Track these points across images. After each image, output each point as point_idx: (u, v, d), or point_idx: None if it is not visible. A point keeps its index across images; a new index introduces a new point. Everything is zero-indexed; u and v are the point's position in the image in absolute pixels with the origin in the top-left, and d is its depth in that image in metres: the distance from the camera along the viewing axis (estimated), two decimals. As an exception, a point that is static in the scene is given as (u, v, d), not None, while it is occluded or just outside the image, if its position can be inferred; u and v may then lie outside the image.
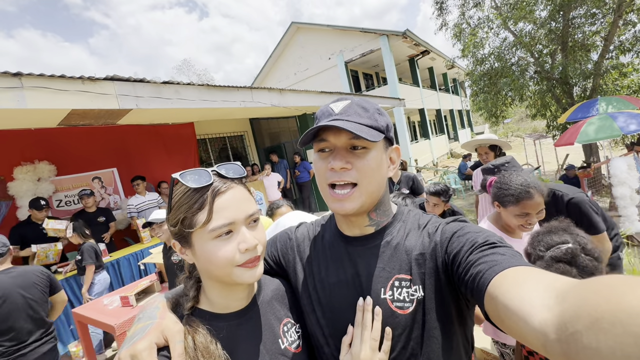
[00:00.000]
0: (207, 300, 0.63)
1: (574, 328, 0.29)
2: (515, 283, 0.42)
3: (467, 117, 25.49)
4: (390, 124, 0.65)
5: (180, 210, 0.57)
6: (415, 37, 12.35)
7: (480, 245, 0.53)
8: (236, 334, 0.61)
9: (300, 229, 0.81)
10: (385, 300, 0.61)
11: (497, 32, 8.52)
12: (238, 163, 0.63)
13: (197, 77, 27.79)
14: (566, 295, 0.33)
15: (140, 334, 0.53)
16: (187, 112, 4.96)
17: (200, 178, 0.57)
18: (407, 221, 0.69)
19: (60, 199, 4.66)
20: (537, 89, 8.27)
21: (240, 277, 0.57)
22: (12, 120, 3.67)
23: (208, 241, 0.56)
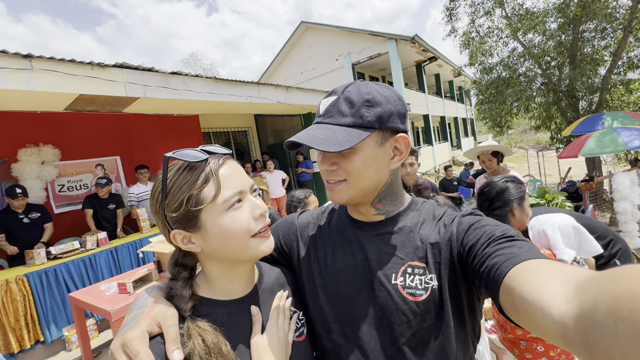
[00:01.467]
0: (207, 286, 0.60)
1: (592, 318, 0.29)
2: (533, 275, 0.41)
3: (470, 126, 25.50)
4: (390, 111, 0.59)
5: (182, 190, 0.53)
6: (423, 43, 12.37)
7: (497, 238, 0.53)
8: (237, 320, 0.59)
9: (303, 215, 0.80)
10: (396, 286, 0.60)
11: (506, 42, 8.53)
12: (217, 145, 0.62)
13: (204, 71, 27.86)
14: (585, 286, 0.33)
15: (131, 322, 0.51)
16: (193, 104, 4.98)
17: (195, 154, 0.54)
18: (421, 211, 0.68)
19: (63, 184, 4.67)
20: (543, 100, 8.28)
21: (257, 248, 0.57)
22: (20, 102, 3.68)
23: (220, 214, 0.54)
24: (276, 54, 15.52)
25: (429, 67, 15.43)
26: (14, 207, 3.56)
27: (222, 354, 0.51)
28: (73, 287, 3.46)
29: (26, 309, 3.08)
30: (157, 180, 0.56)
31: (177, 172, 0.54)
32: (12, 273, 3.16)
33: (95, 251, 3.76)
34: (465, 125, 23.90)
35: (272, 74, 15.97)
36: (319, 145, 0.55)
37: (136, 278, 2.81)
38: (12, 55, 2.65)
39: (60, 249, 3.57)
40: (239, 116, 7.65)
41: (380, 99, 0.59)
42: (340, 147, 0.54)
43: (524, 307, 0.39)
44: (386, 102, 0.59)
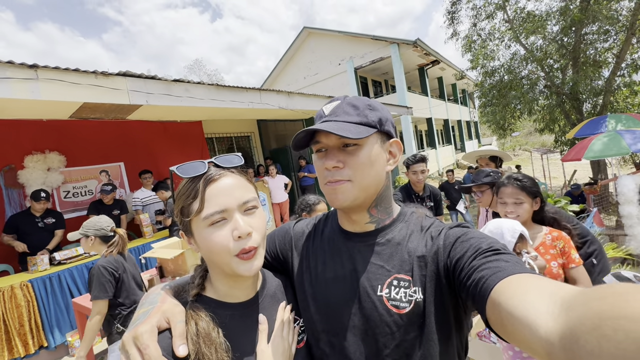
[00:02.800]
0: (212, 288, 0.64)
1: (577, 335, 0.29)
2: (519, 290, 0.41)
3: (474, 129, 25.38)
4: (386, 117, 0.65)
5: (179, 201, 0.60)
6: (425, 47, 12.40)
7: (484, 251, 0.53)
8: (239, 323, 0.62)
9: (298, 224, 0.81)
10: (381, 298, 0.61)
11: (509, 45, 8.52)
12: (239, 154, 0.65)
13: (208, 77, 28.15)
14: (571, 303, 0.33)
15: (142, 317, 0.55)
16: (195, 110, 5.03)
17: (193, 169, 0.59)
18: (409, 222, 0.68)
19: (69, 190, 4.74)
20: (546, 103, 8.24)
21: (237, 268, 0.58)
22: (26, 111, 3.75)
23: (203, 229, 0.57)
24: (279, 60, 15.65)
25: (431, 70, 15.44)
26: (34, 210, 3.67)
27: (211, 339, 0.55)
28: (77, 292, 3.49)
29: (30, 315, 3.11)
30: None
31: (182, 183, 0.61)
32: (16, 279, 3.20)
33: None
34: (469, 128, 23.80)
35: (275, 79, 16.09)
36: (338, 132, 0.56)
37: (138, 284, 2.83)
38: (18, 65, 2.71)
39: (64, 255, 3.62)
40: (242, 122, 7.71)
41: (377, 106, 0.65)
42: (355, 135, 0.57)
43: (510, 322, 0.40)
44: (382, 109, 0.66)
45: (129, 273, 2.25)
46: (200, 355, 0.53)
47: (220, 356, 0.55)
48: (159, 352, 0.50)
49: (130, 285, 2.22)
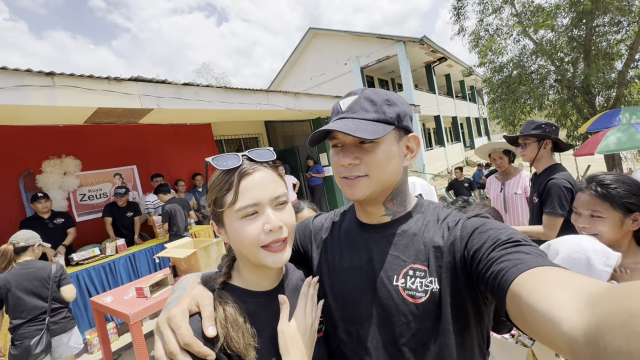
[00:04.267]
0: (239, 277, 0.67)
1: (604, 331, 0.28)
2: (542, 283, 0.40)
3: (484, 125, 25.04)
4: (405, 111, 0.64)
5: (213, 192, 0.62)
6: (432, 44, 12.31)
7: (503, 243, 0.52)
8: (264, 311, 0.64)
9: (318, 218, 0.84)
10: (397, 287, 0.62)
11: (517, 39, 8.39)
12: (270, 148, 0.67)
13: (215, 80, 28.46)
14: (597, 299, 0.32)
15: (174, 301, 0.59)
16: (205, 113, 5.12)
17: (229, 161, 0.61)
18: (426, 213, 0.68)
19: (84, 193, 4.88)
20: (557, 97, 8.08)
21: (264, 259, 0.60)
22: (43, 117, 3.89)
23: (235, 220, 0.60)
24: (285, 61, 15.74)
25: (438, 67, 15.31)
26: (40, 213, 3.80)
27: (238, 324, 0.58)
28: (94, 291, 3.60)
29: (51, 313, 3.22)
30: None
31: (216, 174, 0.63)
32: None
33: (115, 257, 3.91)
34: (479, 124, 23.50)
35: (281, 81, 16.19)
36: (355, 132, 0.56)
37: (153, 282, 2.92)
38: (36, 73, 2.82)
39: (82, 256, 3.74)
40: (250, 123, 7.79)
41: (396, 100, 0.64)
42: (372, 135, 0.57)
43: (532, 316, 0.39)
44: (401, 103, 0.65)
45: (14, 290, 2.30)
46: (229, 339, 0.56)
47: (247, 340, 0.57)
48: (190, 332, 0.53)
49: (18, 301, 2.30)
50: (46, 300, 2.37)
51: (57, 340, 2.37)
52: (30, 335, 2.25)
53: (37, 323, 2.31)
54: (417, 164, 12.23)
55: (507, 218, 2.55)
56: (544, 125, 1.91)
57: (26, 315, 2.31)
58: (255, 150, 0.65)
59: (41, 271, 2.43)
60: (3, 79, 2.63)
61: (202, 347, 0.53)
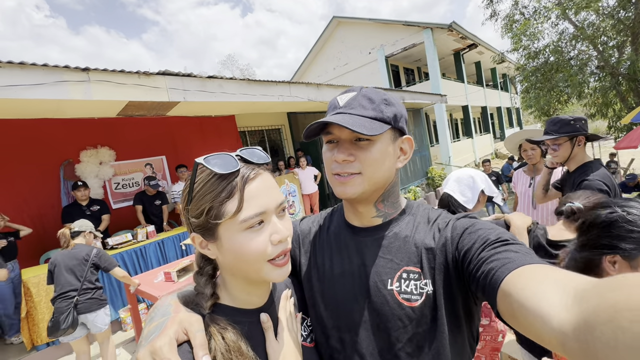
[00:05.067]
0: (227, 295, 0.58)
1: (592, 327, 0.29)
2: (531, 281, 0.41)
3: (516, 116, 23.77)
4: (401, 113, 0.64)
5: (205, 200, 0.51)
6: (462, 30, 11.74)
7: (492, 242, 0.52)
8: (257, 329, 0.59)
9: (304, 221, 0.81)
10: (392, 292, 0.61)
11: (555, 23, 7.84)
12: (259, 148, 0.59)
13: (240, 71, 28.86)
14: (585, 294, 0.33)
15: (157, 331, 0.49)
16: (229, 105, 5.23)
17: (227, 163, 0.51)
18: (416, 214, 0.68)
19: (118, 182, 5.18)
20: (598, 85, 7.51)
21: (269, 274, 0.54)
22: (80, 110, 4.14)
23: (238, 233, 0.51)
24: (309, 51, 15.64)
25: (468, 55, 14.61)
26: (79, 200, 4.11)
27: (242, 352, 0.51)
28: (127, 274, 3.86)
29: (89, 293, 3.50)
30: (187, 182, 0.54)
31: (207, 177, 0.52)
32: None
33: (145, 243, 4.16)
34: (510, 115, 22.34)
35: (305, 71, 16.14)
36: (353, 127, 0.55)
37: (180, 268, 3.08)
38: (73, 69, 3.00)
39: (116, 240, 4.00)
40: (273, 115, 7.88)
41: (393, 101, 0.64)
42: (371, 132, 0.56)
43: (522, 314, 0.40)
44: (397, 104, 0.64)
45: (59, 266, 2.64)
46: None
47: None
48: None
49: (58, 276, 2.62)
50: (80, 279, 2.62)
51: (82, 318, 2.59)
52: (61, 310, 2.50)
53: (67, 299, 2.55)
54: (443, 156, 11.87)
55: (535, 215, 2.43)
56: (573, 121, 1.76)
57: (59, 290, 2.57)
58: (247, 149, 0.56)
59: (81, 252, 2.70)
60: (44, 75, 2.82)
61: None
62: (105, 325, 2.70)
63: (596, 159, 1.80)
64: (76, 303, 2.56)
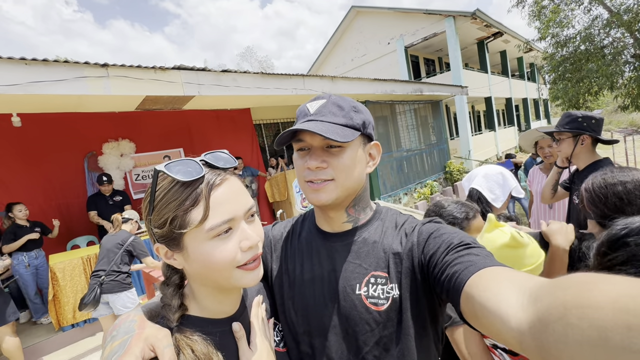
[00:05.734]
0: (196, 306, 0.56)
1: (545, 324, 0.30)
2: (491, 283, 0.43)
3: (544, 108, 22.64)
4: (369, 120, 0.66)
5: (168, 209, 0.48)
6: (486, 18, 11.20)
7: (455, 246, 0.54)
8: (231, 340, 0.57)
9: (276, 227, 0.81)
10: (360, 296, 0.62)
11: (588, 9, 7.33)
12: (226, 151, 0.57)
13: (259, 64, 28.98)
14: (538, 294, 0.34)
15: (121, 350, 0.46)
16: (243, 98, 5.28)
17: (190, 169, 0.49)
18: (385, 220, 0.70)
19: (138, 174, 5.38)
20: (634, 75, 7.01)
21: (240, 280, 0.52)
22: (101, 104, 4.31)
23: (205, 242, 0.49)
24: (326, 42, 15.45)
25: (492, 44, 13.96)
26: (103, 192, 4.36)
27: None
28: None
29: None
30: (147, 191, 0.51)
31: (169, 185, 0.49)
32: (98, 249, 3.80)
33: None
34: (537, 106, 21.29)
35: (322, 63, 15.99)
36: (327, 134, 0.56)
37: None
38: (92, 65, 3.12)
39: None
40: (288, 108, 7.88)
41: (361, 108, 0.66)
42: (343, 138, 0.58)
43: (483, 314, 0.41)
44: (365, 111, 0.66)
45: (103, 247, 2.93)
46: None
47: None
48: None
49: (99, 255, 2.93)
50: (110, 261, 2.84)
51: (104, 298, 2.79)
52: (90, 287, 2.75)
53: (96, 277, 2.78)
54: (462, 149, 11.52)
55: (551, 215, 2.33)
56: (581, 118, 1.68)
57: (95, 267, 2.86)
58: (212, 153, 0.54)
59: (119, 238, 2.93)
60: (65, 71, 2.94)
61: None
62: (125, 308, 2.85)
63: (605, 158, 1.71)
64: (102, 282, 2.76)
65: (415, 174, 8.93)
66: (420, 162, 9.22)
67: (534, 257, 0.89)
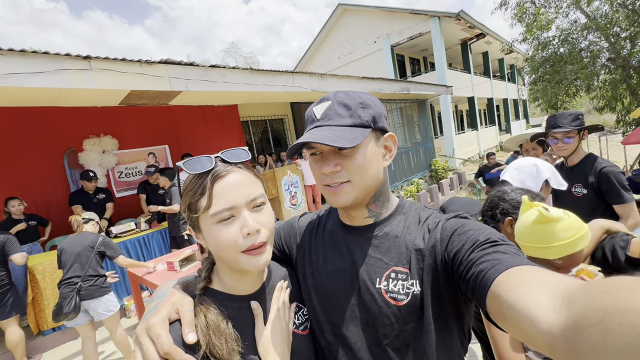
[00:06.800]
0: (219, 282, 0.65)
1: (581, 328, 0.29)
2: (519, 283, 0.42)
3: (523, 108, 23.41)
4: (380, 112, 0.64)
5: (187, 197, 0.60)
6: (470, 19, 11.47)
7: (481, 244, 0.53)
8: (247, 314, 0.64)
9: (303, 218, 0.84)
10: (380, 290, 0.63)
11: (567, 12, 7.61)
12: (245, 148, 0.64)
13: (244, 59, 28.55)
14: (573, 297, 0.33)
15: (153, 310, 0.57)
16: (231, 94, 5.19)
17: (200, 164, 0.59)
18: (408, 214, 0.69)
19: (121, 171, 5.20)
20: (609, 78, 7.35)
21: (245, 264, 0.58)
22: (82, 99, 4.13)
23: (211, 225, 0.57)
24: (313, 40, 15.40)
25: (475, 44, 14.32)
26: (87, 189, 4.17)
27: (220, 330, 0.56)
28: (131, 263, 3.90)
29: (94, 280, 3.56)
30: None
31: (189, 178, 0.60)
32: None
33: (148, 232, 4.19)
34: (517, 107, 22.01)
35: (309, 60, 15.93)
36: (333, 142, 0.56)
37: (182, 257, 3.10)
38: (74, 57, 2.97)
39: (120, 229, 4.04)
40: (276, 105, 7.81)
41: (369, 102, 0.64)
42: (351, 143, 0.57)
43: (511, 315, 0.40)
44: (374, 104, 0.64)
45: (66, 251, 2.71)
46: (211, 346, 0.54)
47: (230, 346, 0.56)
48: (170, 341, 0.51)
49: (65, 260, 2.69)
50: (84, 266, 2.66)
51: (85, 304, 2.61)
52: (65, 295, 2.53)
53: (70, 285, 2.58)
54: (447, 148, 11.78)
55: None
56: (581, 115, 1.88)
57: (65, 275, 2.62)
58: (230, 150, 0.63)
59: (87, 239, 2.76)
60: (45, 63, 2.80)
61: (183, 356, 0.51)
62: (108, 312, 2.72)
63: (591, 152, 1.93)
64: (79, 289, 2.59)
65: (402, 172, 9.05)
66: (407, 160, 9.36)
67: (569, 231, 0.87)
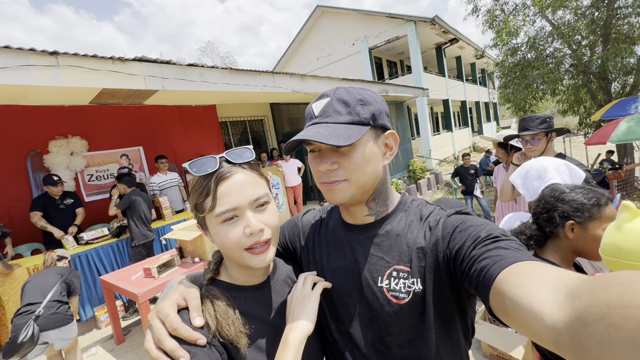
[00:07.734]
0: (227, 274, 0.68)
1: (585, 323, 0.29)
2: (522, 279, 0.42)
3: (493, 110, 24.50)
4: (380, 109, 0.63)
5: (193, 197, 0.62)
6: (444, 24, 11.87)
7: (483, 240, 0.53)
8: (253, 305, 0.66)
9: (306, 215, 0.84)
10: (381, 289, 0.63)
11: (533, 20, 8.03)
12: (250, 147, 0.65)
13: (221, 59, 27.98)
14: (576, 292, 0.33)
15: (162, 298, 0.61)
16: (210, 94, 5.06)
17: (204, 166, 0.60)
18: (409, 211, 0.69)
19: (92, 174, 4.92)
20: (571, 83, 7.82)
21: (249, 261, 0.61)
22: (48, 97, 3.88)
23: (216, 225, 0.60)
24: (292, 40, 15.34)
25: (449, 49, 14.84)
26: (53, 194, 3.83)
27: (227, 314, 0.59)
28: (103, 270, 3.70)
29: (63, 290, 3.33)
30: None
31: (195, 179, 0.62)
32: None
33: (122, 237, 3.99)
34: (488, 109, 23.00)
35: (288, 61, 15.85)
36: (328, 140, 0.55)
37: (160, 263, 2.98)
38: (40, 52, 2.78)
39: (91, 235, 3.82)
40: (255, 105, 7.71)
41: (370, 99, 0.63)
42: (347, 141, 0.56)
43: (515, 311, 0.40)
44: (375, 101, 0.63)
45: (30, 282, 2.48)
46: (220, 327, 0.57)
47: (238, 328, 0.59)
48: (178, 319, 0.54)
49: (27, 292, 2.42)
50: (46, 292, 2.38)
51: (45, 336, 2.26)
52: (23, 326, 2.17)
53: (27, 314, 2.25)
54: (424, 149, 12.10)
55: (516, 208, 2.53)
56: (548, 118, 1.96)
57: (21, 304, 2.33)
58: (234, 150, 0.64)
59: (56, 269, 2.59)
60: (6, 58, 2.60)
61: (191, 332, 0.53)
62: (71, 338, 2.42)
63: (560, 152, 1.99)
64: (37, 315, 2.24)
65: (381, 173, 9.18)
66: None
67: None
